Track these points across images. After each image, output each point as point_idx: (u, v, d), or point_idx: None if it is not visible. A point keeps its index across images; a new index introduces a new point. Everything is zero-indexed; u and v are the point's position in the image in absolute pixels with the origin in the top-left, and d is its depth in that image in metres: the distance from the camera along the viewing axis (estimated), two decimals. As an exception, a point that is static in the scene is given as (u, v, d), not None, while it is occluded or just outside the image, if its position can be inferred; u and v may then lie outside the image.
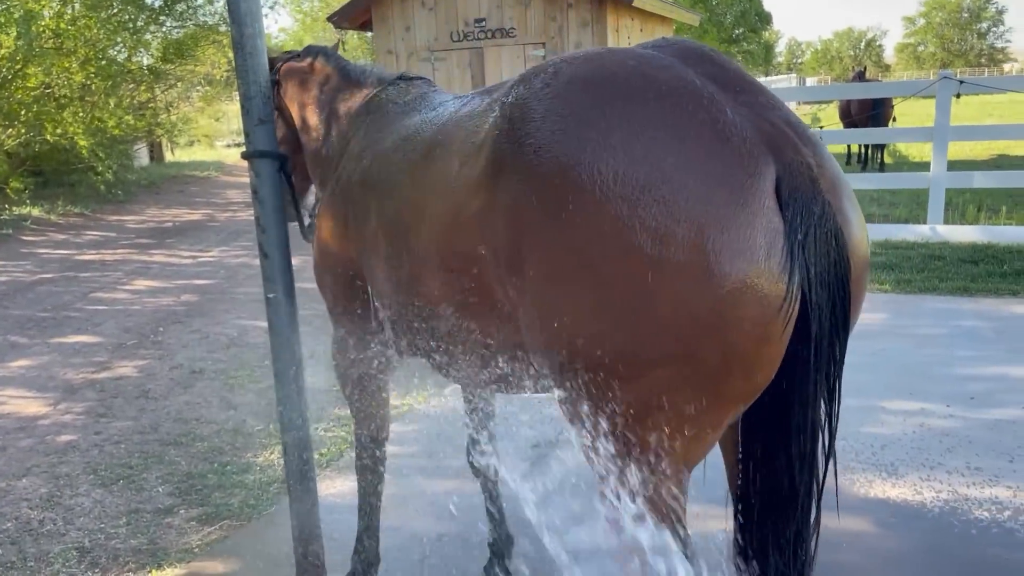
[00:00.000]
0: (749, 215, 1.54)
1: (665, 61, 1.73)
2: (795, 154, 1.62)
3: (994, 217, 9.71)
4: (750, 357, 1.61)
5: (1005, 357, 5.20)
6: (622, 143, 1.60)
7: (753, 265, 1.53)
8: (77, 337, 6.89)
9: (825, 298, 1.62)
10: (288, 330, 2.71)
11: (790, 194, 1.58)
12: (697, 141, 1.58)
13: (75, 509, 3.89)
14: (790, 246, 1.56)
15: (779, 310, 1.57)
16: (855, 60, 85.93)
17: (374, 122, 2.59)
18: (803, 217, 1.58)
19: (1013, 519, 3.35)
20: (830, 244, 1.60)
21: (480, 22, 11.10)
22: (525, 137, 1.71)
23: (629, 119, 1.62)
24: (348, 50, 34.38)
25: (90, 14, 15.03)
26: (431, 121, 2.28)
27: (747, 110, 1.66)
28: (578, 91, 1.70)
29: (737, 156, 1.57)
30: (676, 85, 1.66)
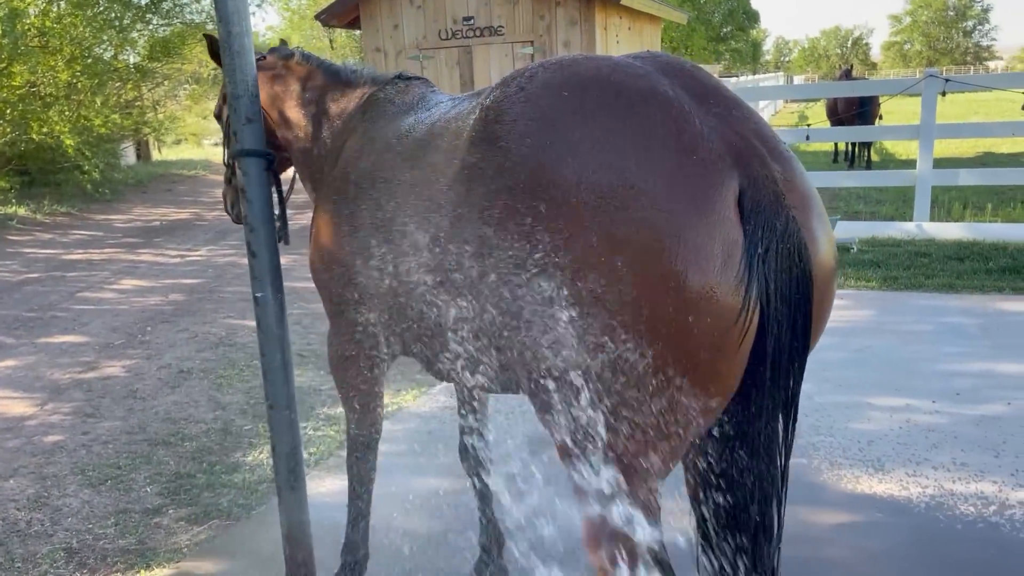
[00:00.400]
0: (708, 225, 1.55)
1: (641, 70, 1.75)
2: (762, 168, 1.62)
3: (980, 214, 9.78)
4: (705, 368, 1.61)
5: (990, 353, 5.25)
6: (588, 148, 1.61)
7: (709, 275, 1.54)
8: (64, 337, 6.85)
9: (785, 314, 1.62)
10: (276, 329, 2.70)
11: (753, 207, 1.58)
12: (662, 150, 1.59)
13: (63, 510, 3.87)
14: (749, 259, 1.57)
15: (735, 322, 1.57)
16: (842, 58, 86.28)
17: (372, 121, 2.59)
18: (764, 231, 1.58)
19: (998, 514, 3.38)
20: (792, 260, 1.60)
21: (468, 20, 11.09)
22: (496, 139, 1.74)
23: (597, 125, 1.64)
24: (336, 48, 34.31)
25: (76, 12, 14.94)
26: (424, 121, 2.30)
27: (717, 122, 1.67)
28: (550, 96, 1.72)
29: (700, 166, 1.58)
30: (647, 94, 1.67)
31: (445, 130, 2.09)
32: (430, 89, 2.71)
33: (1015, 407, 4.41)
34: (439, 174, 1.99)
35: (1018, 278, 6.95)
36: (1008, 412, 4.36)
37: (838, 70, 19.33)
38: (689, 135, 1.61)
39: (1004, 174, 9.67)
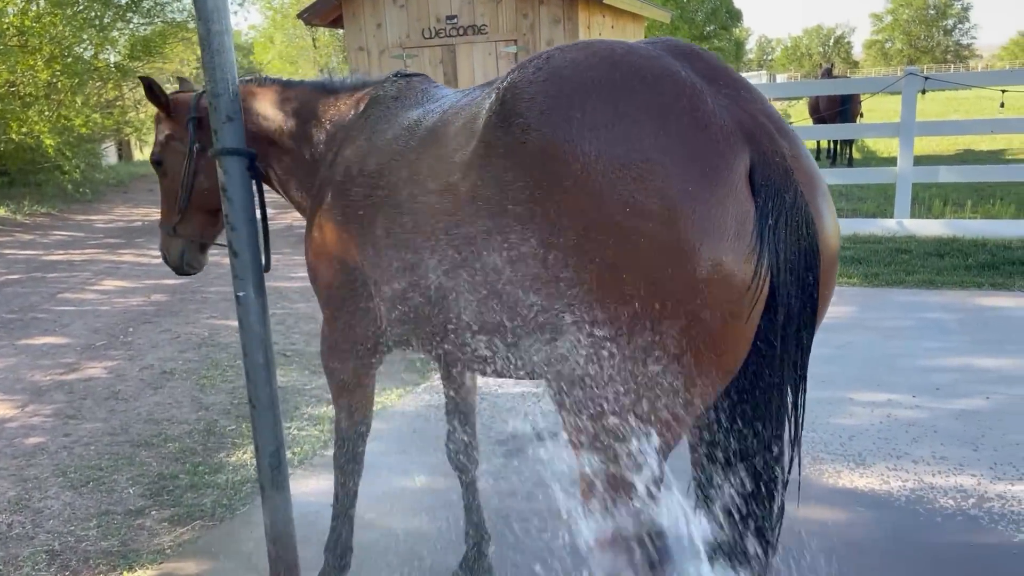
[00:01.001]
0: (720, 196, 1.61)
1: (653, 52, 1.81)
2: (771, 144, 1.69)
3: (959, 211, 9.87)
4: (717, 335, 1.66)
5: (970, 348, 5.30)
6: (605, 124, 1.67)
7: (722, 244, 1.60)
8: (45, 338, 6.80)
9: (793, 284, 1.68)
10: (259, 328, 2.70)
11: (763, 181, 1.65)
12: (676, 125, 1.66)
13: (44, 512, 3.84)
14: (760, 230, 1.63)
15: (746, 290, 1.63)
16: (824, 57, 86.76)
17: (376, 120, 2.57)
18: (774, 203, 1.64)
19: (977, 507, 3.42)
20: (800, 232, 1.66)
21: (452, 19, 11.08)
22: (515, 116, 1.79)
23: (613, 102, 1.69)
24: (319, 47, 34.16)
25: (55, 11, 14.80)
26: (434, 111, 2.32)
27: (728, 101, 1.74)
28: (567, 75, 1.78)
29: (713, 141, 1.65)
30: (661, 74, 1.73)
31: (458, 117, 2.12)
32: (433, 84, 2.72)
33: (994, 401, 4.46)
34: (455, 158, 2.02)
35: (997, 274, 7.03)
36: (987, 406, 4.40)
37: (819, 69, 19.48)
38: (702, 112, 1.68)
39: (983, 171, 9.77)
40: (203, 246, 3.23)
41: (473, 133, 1.96)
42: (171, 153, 3.05)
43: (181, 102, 3.04)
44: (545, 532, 3.07)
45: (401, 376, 5.37)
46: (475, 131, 1.95)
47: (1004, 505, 3.42)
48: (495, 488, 3.70)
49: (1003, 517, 3.33)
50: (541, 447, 3.98)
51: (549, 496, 2.25)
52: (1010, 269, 7.13)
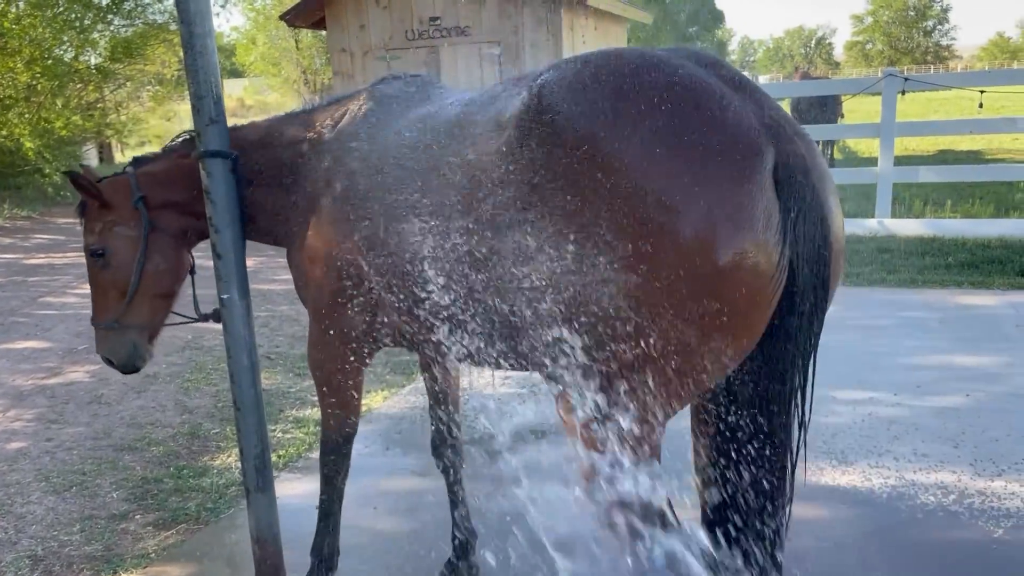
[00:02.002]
0: (752, 192, 1.73)
1: (680, 61, 1.93)
2: (791, 145, 1.82)
3: (939, 211, 9.97)
4: (739, 319, 1.78)
5: (950, 346, 5.36)
6: (642, 123, 1.77)
7: (752, 235, 1.73)
8: (26, 343, 6.74)
9: (809, 273, 1.81)
10: (243, 331, 2.70)
11: (786, 179, 1.78)
12: (709, 125, 1.77)
13: (27, 517, 3.82)
14: (783, 224, 1.76)
15: (771, 279, 1.77)
16: (806, 58, 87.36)
17: (380, 119, 2.54)
18: (796, 200, 1.78)
19: (958, 503, 3.46)
20: (816, 227, 1.80)
21: (435, 20, 11.08)
22: (552, 113, 1.87)
23: (650, 103, 1.80)
24: (302, 48, 34.02)
25: (35, 13, 14.69)
26: (449, 107, 2.34)
27: (752, 105, 1.86)
28: (604, 78, 1.88)
29: (743, 140, 1.77)
30: (691, 80, 1.85)
31: (482, 112, 2.16)
32: (435, 83, 2.72)
33: (974, 399, 4.51)
34: (483, 150, 2.05)
35: (977, 273, 7.10)
36: (967, 404, 4.46)
37: (796, 73, 19.73)
38: (732, 113, 1.80)
39: (963, 171, 9.87)
40: (152, 335, 3.02)
41: (503, 126, 2.01)
42: (117, 240, 2.87)
43: (119, 185, 2.87)
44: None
45: (386, 378, 5.37)
46: (504, 124, 2.00)
47: (984, 501, 3.46)
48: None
49: (983, 513, 3.37)
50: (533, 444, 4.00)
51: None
52: (989, 268, 7.21)
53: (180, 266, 2.98)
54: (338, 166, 2.54)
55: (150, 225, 2.84)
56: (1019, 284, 6.68)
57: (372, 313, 2.50)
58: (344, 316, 2.56)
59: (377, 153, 2.42)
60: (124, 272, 2.88)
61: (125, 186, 2.87)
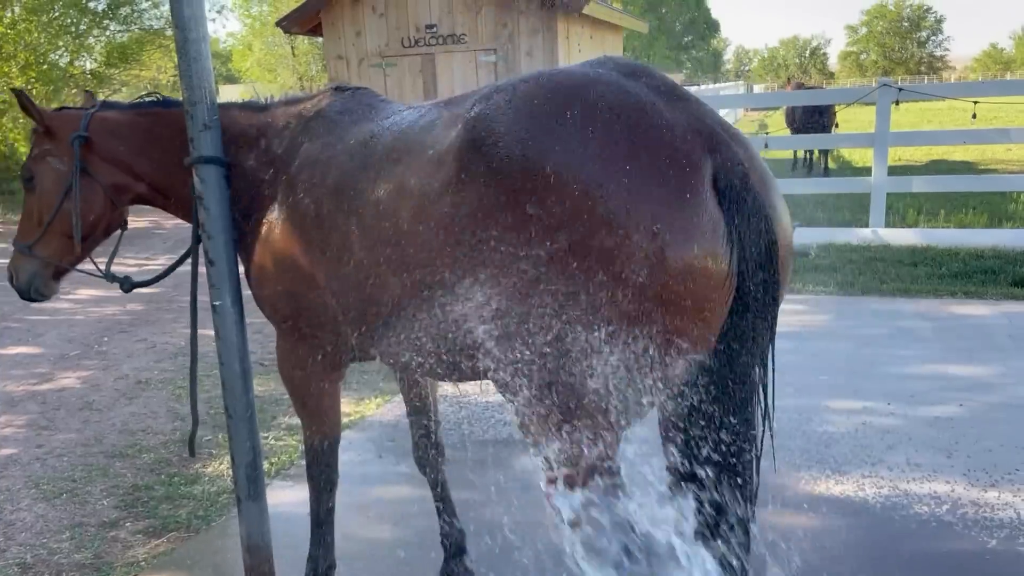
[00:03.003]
0: (695, 204, 1.76)
1: (608, 76, 1.93)
2: (728, 152, 1.84)
3: (933, 220, 10.00)
4: (693, 329, 1.82)
5: (943, 356, 5.37)
6: (580, 148, 1.78)
7: (700, 247, 1.76)
8: (17, 348, 6.71)
9: (759, 275, 1.85)
10: (236, 338, 2.69)
11: (726, 186, 1.80)
12: (644, 144, 1.79)
13: (16, 524, 3.79)
14: (728, 232, 1.79)
15: (722, 287, 1.80)
16: (800, 68, 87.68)
17: (320, 133, 2.54)
18: (738, 206, 1.80)
19: (951, 513, 3.46)
20: (761, 230, 1.83)
21: (431, 28, 11.10)
22: (490, 147, 1.87)
23: (584, 127, 1.81)
24: (298, 55, 34.05)
25: (31, 18, 14.69)
26: (389, 130, 2.31)
27: (683, 115, 1.87)
28: (536, 105, 1.89)
29: (679, 155, 1.78)
30: (621, 96, 1.86)
31: (418, 140, 2.15)
32: (378, 98, 2.68)
33: (967, 408, 4.51)
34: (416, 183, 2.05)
35: (970, 282, 7.12)
36: (960, 413, 4.46)
37: (788, 84, 19.89)
38: (664, 128, 1.81)
39: (956, 181, 9.90)
40: (58, 272, 3.05)
41: (442, 161, 2.00)
42: (46, 171, 2.84)
43: (67, 119, 2.83)
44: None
45: (379, 385, 5.35)
46: (443, 158, 2.00)
47: (977, 511, 3.46)
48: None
49: (976, 523, 3.37)
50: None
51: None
52: (982, 278, 7.23)
53: (103, 218, 2.94)
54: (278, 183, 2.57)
55: (81, 167, 2.79)
56: (1012, 294, 6.69)
57: (329, 329, 2.52)
58: (305, 331, 2.59)
59: (321, 172, 2.43)
60: (46, 203, 2.87)
61: (73, 121, 2.83)
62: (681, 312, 1.77)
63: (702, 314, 1.80)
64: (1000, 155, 16.55)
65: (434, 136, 2.10)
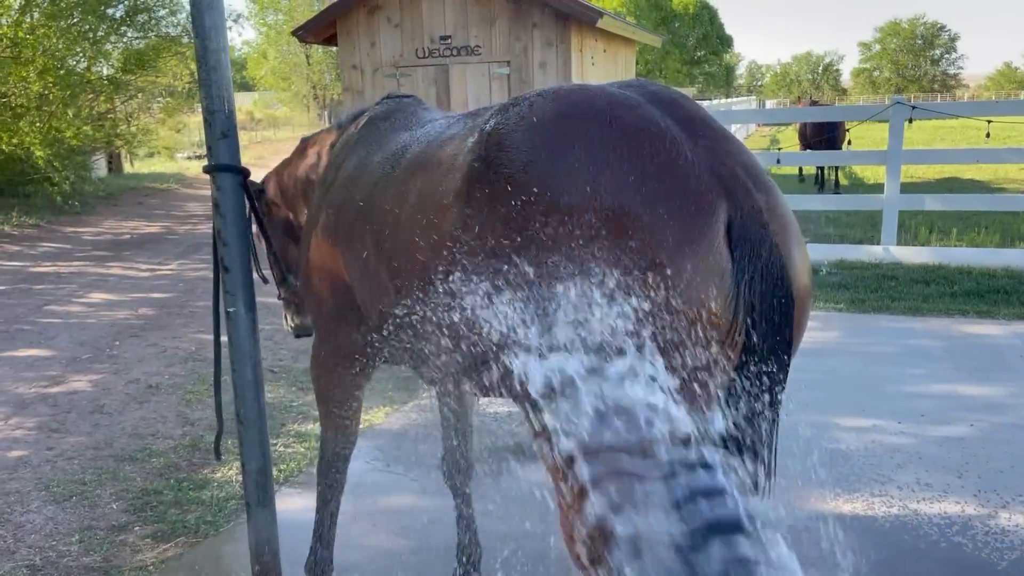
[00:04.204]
0: (700, 253, 1.64)
1: (633, 101, 1.82)
2: (747, 198, 1.71)
3: (945, 239, 9.96)
4: (694, 381, 1.68)
5: (954, 375, 5.34)
6: (586, 177, 1.69)
7: (702, 299, 1.64)
8: (29, 351, 6.75)
9: (769, 334, 1.72)
10: (248, 345, 2.70)
11: (740, 236, 1.68)
12: (656, 180, 1.68)
13: (26, 526, 3.81)
14: (736, 285, 1.67)
15: (722, 342, 1.68)
16: (813, 84, 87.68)
17: (364, 142, 2.64)
18: (750, 259, 1.67)
19: (961, 533, 3.44)
20: (775, 284, 1.70)
21: (445, 39, 11.15)
22: (498, 165, 1.80)
23: (595, 154, 1.71)
24: (312, 64, 34.22)
25: (50, 23, 14.82)
26: (418, 139, 2.34)
27: (706, 154, 1.74)
28: (550, 125, 1.79)
29: (692, 196, 1.67)
30: (641, 125, 1.75)
31: (440, 150, 2.15)
32: (421, 106, 2.77)
33: (978, 428, 4.49)
34: (432, 194, 2.04)
35: (982, 302, 7.09)
36: (971, 433, 4.43)
37: (800, 101, 19.93)
38: (681, 166, 1.69)
39: (969, 199, 9.87)
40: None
41: (454, 172, 1.98)
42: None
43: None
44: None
45: (388, 394, 5.36)
46: (456, 170, 1.97)
47: (988, 533, 3.44)
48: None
49: (987, 545, 3.35)
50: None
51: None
52: (995, 297, 7.20)
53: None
54: (330, 190, 2.68)
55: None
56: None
57: (360, 335, 2.57)
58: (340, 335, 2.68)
59: (359, 181, 2.51)
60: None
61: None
62: (674, 363, 1.66)
63: (700, 368, 1.69)
64: (1013, 174, 16.48)
65: (454, 146, 2.08)
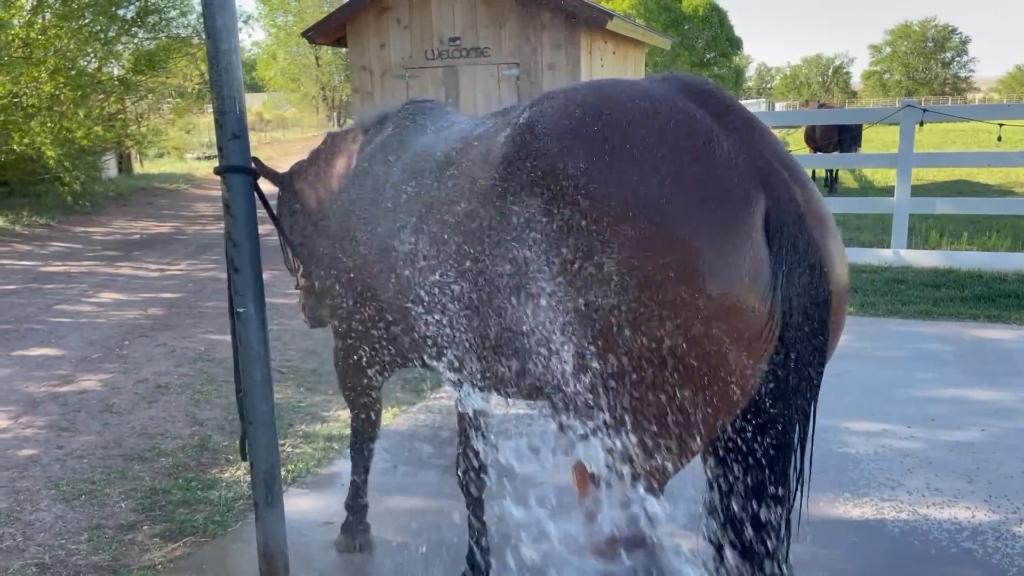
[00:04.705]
0: (738, 244, 1.64)
1: (668, 94, 1.83)
2: (785, 190, 1.71)
3: (956, 242, 9.91)
4: (731, 371, 1.70)
5: (965, 380, 5.31)
6: (624, 167, 1.70)
7: (739, 289, 1.64)
8: (40, 350, 6.78)
9: (805, 326, 1.71)
10: (258, 345, 2.70)
11: (778, 227, 1.68)
12: (694, 170, 1.68)
13: (35, 524, 3.82)
14: (774, 276, 1.67)
15: (759, 331, 1.67)
16: (823, 86, 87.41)
17: (391, 148, 2.69)
18: (788, 250, 1.68)
19: (971, 539, 3.42)
20: (813, 277, 1.70)
21: (454, 41, 11.17)
22: (534, 154, 1.81)
23: (632, 145, 1.72)
24: (322, 65, 34.31)
25: (61, 24, 14.89)
26: (447, 140, 2.36)
27: (742, 145, 1.75)
28: (586, 117, 1.80)
29: (730, 187, 1.68)
30: (677, 117, 1.76)
31: (471, 148, 2.15)
32: (445, 110, 2.80)
33: (989, 433, 4.46)
34: (467, 189, 2.05)
35: (993, 306, 7.05)
36: (982, 438, 4.41)
37: (810, 103, 19.93)
38: (719, 157, 1.71)
39: (980, 203, 9.81)
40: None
41: (489, 166, 1.98)
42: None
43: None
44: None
45: (397, 395, 5.36)
46: (492, 165, 1.97)
47: (998, 539, 3.42)
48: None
49: (997, 551, 3.33)
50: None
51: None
52: (1006, 302, 7.16)
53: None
54: (353, 195, 2.77)
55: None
56: (1036, 319, 6.62)
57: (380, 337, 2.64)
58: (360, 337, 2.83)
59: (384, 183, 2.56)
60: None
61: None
62: (710, 355, 1.67)
63: (735, 358, 1.69)
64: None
65: (485, 144, 2.09)
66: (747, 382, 1.74)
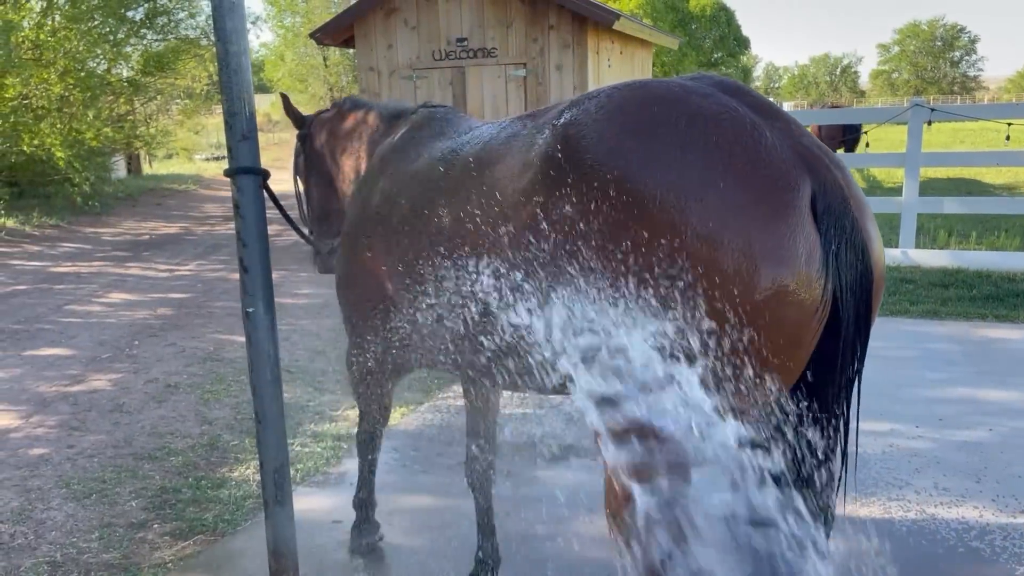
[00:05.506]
0: (791, 226, 1.71)
1: (706, 90, 1.89)
2: (828, 174, 1.79)
3: (964, 242, 9.88)
4: (784, 353, 1.77)
5: (973, 380, 5.30)
6: (675, 160, 1.75)
7: (795, 271, 1.71)
8: (51, 350, 6.82)
9: (852, 304, 1.80)
10: (267, 345, 2.72)
11: (825, 210, 1.75)
12: (743, 159, 1.74)
13: (47, 523, 3.85)
14: (825, 256, 1.74)
15: (815, 311, 1.75)
16: (831, 85, 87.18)
17: (405, 151, 2.72)
18: (836, 231, 1.75)
19: (979, 539, 3.42)
20: (858, 256, 1.78)
21: (462, 42, 11.18)
22: (580, 152, 1.84)
23: (680, 138, 1.77)
24: (330, 66, 34.39)
25: (70, 26, 14.99)
26: (470, 143, 2.38)
27: (783, 135, 1.82)
28: (631, 114, 1.85)
29: (778, 173, 1.74)
30: (720, 110, 1.81)
31: (503, 150, 2.17)
32: (458, 115, 2.82)
33: (997, 433, 4.45)
34: (503, 192, 2.07)
35: (1001, 306, 7.03)
36: (990, 438, 4.40)
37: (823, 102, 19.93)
38: (764, 145, 1.77)
39: (988, 203, 9.78)
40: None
41: (529, 166, 1.99)
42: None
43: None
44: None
45: (404, 395, 5.38)
46: (530, 166, 1.99)
47: (1006, 538, 3.42)
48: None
49: (1005, 550, 3.33)
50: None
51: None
52: (1014, 301, 7.14)
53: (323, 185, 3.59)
54: (370, 196, 2.79)
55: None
56: (1045, 318, 6.60)
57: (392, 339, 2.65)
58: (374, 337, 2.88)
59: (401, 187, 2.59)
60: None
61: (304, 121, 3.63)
62: (771, 335, 1.73)
63: (792, 338, 1.76)
64: (1034, 177, 16.33)
65: (519, 144, 2.10)
66: (801, 356, 1.82)
